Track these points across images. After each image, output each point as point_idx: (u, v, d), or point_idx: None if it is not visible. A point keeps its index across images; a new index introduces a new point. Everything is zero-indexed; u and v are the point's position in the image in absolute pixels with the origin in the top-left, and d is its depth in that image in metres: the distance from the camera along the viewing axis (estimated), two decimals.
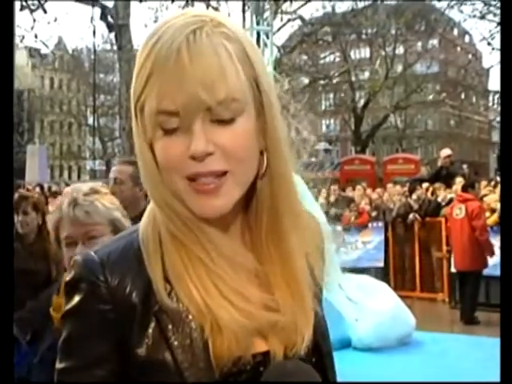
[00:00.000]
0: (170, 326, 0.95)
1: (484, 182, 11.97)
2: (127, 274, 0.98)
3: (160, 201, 0.99)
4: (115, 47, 25.75)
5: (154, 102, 0.92)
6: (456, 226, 9.55)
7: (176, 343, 0.94)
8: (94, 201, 2.09)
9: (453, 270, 10.41)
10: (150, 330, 0.95)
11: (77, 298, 0.97)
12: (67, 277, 1.01)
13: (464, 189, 9.72)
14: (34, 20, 23.82)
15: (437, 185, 11.87)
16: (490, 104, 50.91)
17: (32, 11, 23.33)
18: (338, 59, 37.98)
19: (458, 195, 9.86)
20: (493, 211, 10.15)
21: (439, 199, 11.49)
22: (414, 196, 11.91)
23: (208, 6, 25.26)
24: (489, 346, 5.79)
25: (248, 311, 0.96)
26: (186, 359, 0.94)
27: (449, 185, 11.78)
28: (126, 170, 3.86)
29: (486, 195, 10.84)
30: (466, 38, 51.43)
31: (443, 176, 12.44)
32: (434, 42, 44.82)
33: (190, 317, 0.95)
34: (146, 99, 0.93)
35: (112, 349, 0.96)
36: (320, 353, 1.06)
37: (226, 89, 0.91)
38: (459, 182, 11.26)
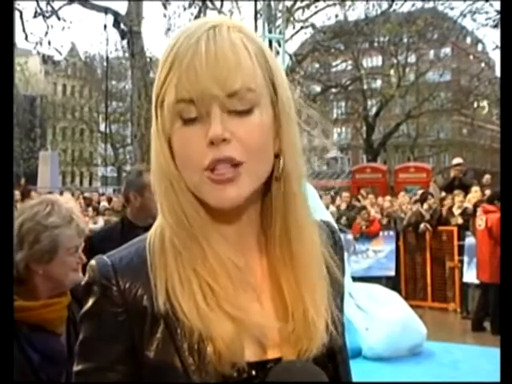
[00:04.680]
0: (178, 330, 0.96)
1: None
2: (138, 277, 1.00)
3: (173, 202, 0.99)
4: (128, 54, 25.87)
5: (173, 91, 0.94)
6: (479, 236, 9.52)
7: (184, 346, 0.95)
8: None
9: (465, 279, 10.33)
10: (159, 333, 0.97)
11: (90, 302, 1.00)
12: (83, 281, 1.03)
13: (489, 200, 9.51)
14: (48, 27, 23.96)
15: (456, 192, 11.71)
16: None
17: (46, 18, 23.50)
18: (349, 67, 37.94)
19: (482, 206, 9.66)
20: None
21: (454, 209, 11.34)
22: (426, 205, 11.83)
23: (220, 13, 25.35)
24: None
25: (240, 319, 0.95)
26: (193, 362, 0.95)
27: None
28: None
29: None
30: (479, 47, 51.22)
31: (456, 186, 12.31)
32: (447, 50, 44.70)
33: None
34: (166, 90, 0.96)
35: (125, 351, 0.98)
36: (335, 360, 1.06)
37: (241, 79, 0.93)
38: (475, 191, 11.19)
